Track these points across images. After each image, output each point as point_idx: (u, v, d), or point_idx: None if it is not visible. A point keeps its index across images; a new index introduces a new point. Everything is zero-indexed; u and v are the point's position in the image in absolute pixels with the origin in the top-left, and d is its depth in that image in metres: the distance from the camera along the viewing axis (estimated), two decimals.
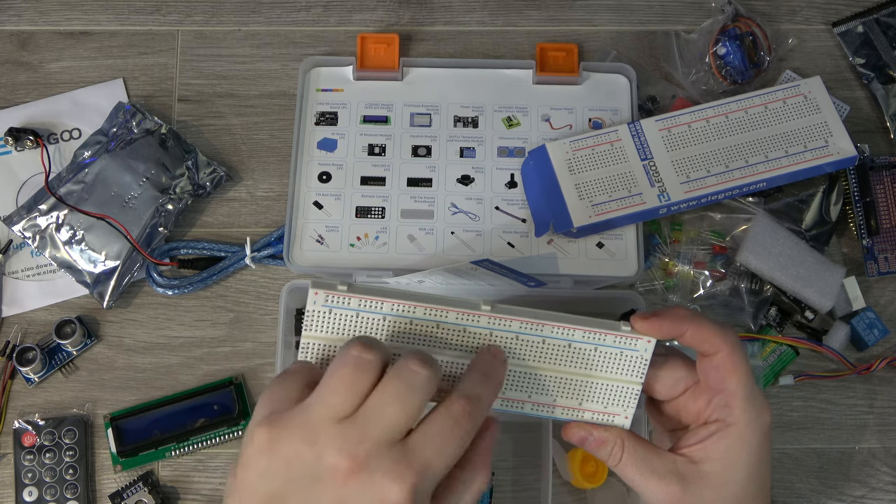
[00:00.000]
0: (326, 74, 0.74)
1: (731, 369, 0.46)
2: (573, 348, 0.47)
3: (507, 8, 0.79)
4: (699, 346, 0.46)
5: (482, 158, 0.72)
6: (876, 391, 0.69)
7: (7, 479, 0.66)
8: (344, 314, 0.45)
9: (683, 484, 0.46)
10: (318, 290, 0.45)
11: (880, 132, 0.75)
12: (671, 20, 0.79)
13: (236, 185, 0.73)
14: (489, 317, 0.46)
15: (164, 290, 0.70)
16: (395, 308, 0.45)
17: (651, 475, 0.46)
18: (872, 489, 0.67)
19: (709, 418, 0.47)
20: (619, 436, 0.47)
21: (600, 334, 0.47)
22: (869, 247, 0.71)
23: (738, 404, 0.45)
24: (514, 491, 0.65)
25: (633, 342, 0.46)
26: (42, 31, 0.77)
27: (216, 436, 0.67)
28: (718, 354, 0.46)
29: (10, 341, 0.68)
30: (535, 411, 0.48)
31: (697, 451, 0.46)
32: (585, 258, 0.69)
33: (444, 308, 0.45)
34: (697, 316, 0.46)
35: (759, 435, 0.46)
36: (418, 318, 0.45)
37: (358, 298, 0.45)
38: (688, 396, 0.48)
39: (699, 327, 0.46)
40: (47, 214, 0.69)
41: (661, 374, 0.48)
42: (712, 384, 0.46)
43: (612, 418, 0.48)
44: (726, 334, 0.46)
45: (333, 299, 0.45)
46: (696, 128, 0.70)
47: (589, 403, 0.48)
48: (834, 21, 0.78)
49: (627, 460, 0.47)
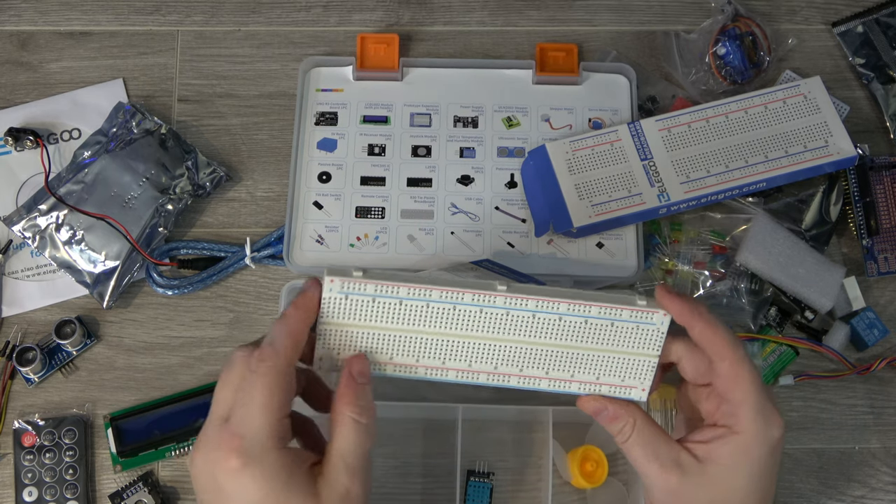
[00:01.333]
0: (326, 74, 0.74)
1: (733, 378, 0.46)
2: (590, 324, 0.47)
3: (507, 8, 0.79)
4: (704, 345, 0.47)
5: (482, 158, 0.72)
6: (876, 391, 0.69)
7: (7, 479, 0.66)
8: (361, 300, 0.45)
9: (682, 476, 0.46)
10: (334, 277, 0.45)
11: (880, 132, 0.75)
12: (671, 20, 0.79)
13: (236, 185, 0.73)
14: (505, 297, 0.46)
15: (164, 290, 0.70)
16: (411, 292, 0.46)
17: (654, 459, 0.47)
18: (872, 489, 0.67)
19: (718, 421, 0.47)
20: (633, 415, 0.48)
21: (616, 309, 0.47)
22: (869, 247, 0.71)
23: (745, 414, 0.46)
24: (513, 491, 0.65)
25: (649, 316, 0.47)
26: (42, 31, 0.77)
27: None
28: (723, 363, 0.46)
29: (10, 341, 0.68)
30: (553, 387, 0.49)
31: (702, 449, 0.47)
32: (585, 258, 0.69)
33: (461, 290, 0.46)
34: (714, 319, 0.47)
35: (765, 448, 0.46)
36: (434, 302, 0.46)
37: (374, 284, 0.45)
38: (704, 393, 0.48)
39: (708, 326, 0.47)
40: (47, 214, 0.69)
41: (695, 355, 0.48)
42: (720, 391, 0.47)
43: (629, 391, 0.49)
44: (733, 344, 0.47)
45: (349, 286, 0.45)
46: (696, 128, 0.70)
47: (606, 377, 0.49)
48: (834, 21, 0.78)
49: (635, 440, 0.48)
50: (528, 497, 0.65)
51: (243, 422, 0.44)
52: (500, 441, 0.66)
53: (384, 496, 0.65)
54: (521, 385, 0.49)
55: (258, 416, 0.44)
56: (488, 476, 0.64)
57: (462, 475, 0.62)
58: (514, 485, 0.65)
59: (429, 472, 0.65)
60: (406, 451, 0.65)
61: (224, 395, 0.45)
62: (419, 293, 0.46)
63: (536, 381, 0.49)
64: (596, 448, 0.63)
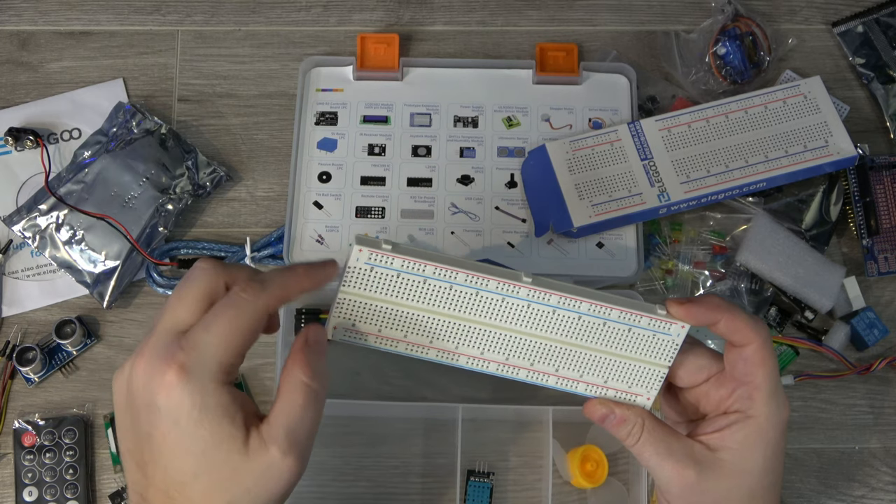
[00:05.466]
0: (326, 74, 0.74)
1: (759, 363, 0.46)
2: (608, 327, 0.47)
3: (507, 8, 0.79)
4: (731, 336, 0.47)
5: (482, 158, 0.72)
6: (876, 391, 0.69)
7: (7, 479, 0.66)
8: (385, 273, 0.45)
9: (699, 469, 0.46)
10: (363, 247, 0.45)
11: (880, 132, 0.75)
12: (671, 20, 0.79)
13: (236, 185, 0.73)
14: (529, 289, 0.46)
15: (164, 290, 0.70)
16: (437, 272, 0.45)
17: (668, 457, 0.46)
18: (872, 489, 0.67)
19: (729, 408, 0.47)
20: (641, 415, 0.48)
21: (637, 316, 0.47)
22: (869, 247, 0.71)
23: (760, 398, 0.46)
24: (514, 491, 0.65)
25: (667, 326, 0.47)
26: (42, 31, 0.77)
27: None
28: (749, 346, 0.46)
29: (10, 341, 0.68)
30: (560, 385, 0.49)
31: (715, 439, 0.47)
32: (585, 258, 0.69)
33: (486, 276, 0.46)
34: (732, 306, 0.47)
35: (777, 430, 0.46)
36: (458, 284, 0.46)
37: (402, 259, 0.45)
38: (710, 385, 0.48)
39: (733, 317, 0.46)
40: (47, 214, 0.69)
41: (687, 361, 0.48)
42: (738, 375, 0.47)
43: (634, 398, 0.49)
44: (759, 327, 0.46)
45: (377, 258, 0.45)
46: (696, 128, 0.70)
47: (614, 382, 0.48)
48: (834, 21, 0.78)
49: (646, 440, 0.47)
50: (528, 497, 0.65)
51: (199, 343, 0.41)
52: (500, 441, 0.66)
53: (384, 496, 0.65)
54: (529, 379, 0.49)
55: (216, 345, 0.41)
56: (488, 476, 0.64)
57: (462, 475, 0.62)
58: (514, 485, 0.65)
59: (429, 472, 0.65)
60: (406, 451, 0.65)
61: (183, 307, 0.42)
62: (445, 274, 0.45)
63: (545, 377, 0.49)
64: (596, 448, 0.63)
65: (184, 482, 0.41)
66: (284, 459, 0.42)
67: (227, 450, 0.41)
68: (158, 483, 0.42)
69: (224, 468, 0.41)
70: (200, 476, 0.41)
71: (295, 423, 0.42)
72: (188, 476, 0.41)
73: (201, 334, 0.41)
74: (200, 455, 0.41)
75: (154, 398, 0.41)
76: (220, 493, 0.41)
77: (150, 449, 0.42)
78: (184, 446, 0.41)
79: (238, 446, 0.41)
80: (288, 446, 0.42)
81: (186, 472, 0.41)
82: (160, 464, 0.41)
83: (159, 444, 0.41)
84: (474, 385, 0.66)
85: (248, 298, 0.43)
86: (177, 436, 0.41)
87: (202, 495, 0.41)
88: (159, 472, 0.42)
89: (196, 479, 0.41)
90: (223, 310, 0.42)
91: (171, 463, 0.41)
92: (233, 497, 0.41)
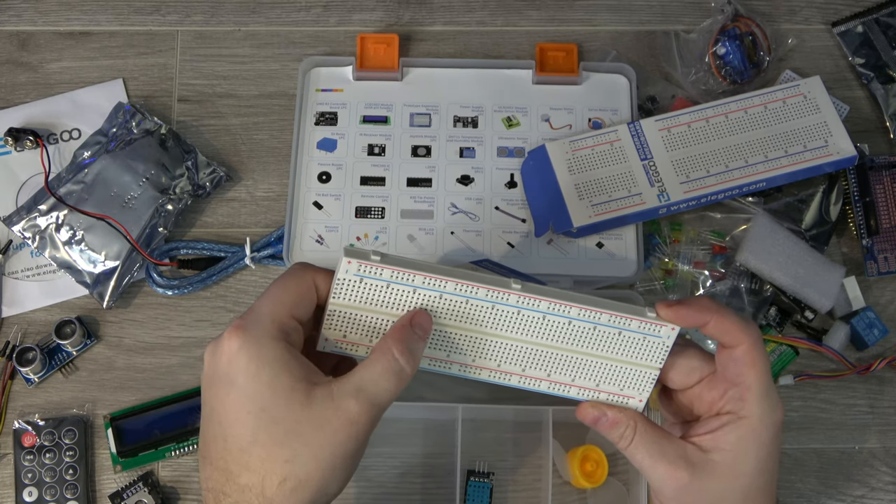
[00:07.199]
0: (326, 74, 0.74)
1: (750, 364, 0.46)
2: (598, 331, 0.47)
3: (507, 8, 0.79)
4: (721, 337, 0.47)
5: (482, 158, 0.72)
6: (876, 391, 0.69)
7: (7, 480, 0.66)
8: (375, 284, 0.45)
9: (692, 470, 0.46)
10: (352, 258, 0.45)
11: (880, 132, 0.75)
12: (671, 20, 0.79)
13: (236, 185, 0.73)
14: (518, 295, 0.46)
15: (164, 290, 0.70)
16: (426, 282, 0.45)
17: (661, 459, 0.46)
18: (872, 489, 0.67)
19: (722, 409, 0.47)
20: (633, 418, 0.48)
21: (626, 319, 0.47)
22: (869, 247, 0.71)
23: (752, 398, 0.46)
24: (513, 491, 0.65)
25: (657, 329, 0.47)
26: (42, 31, 0.77)
27: None
28: (739, 347, 0.46)
29: (10, 341, 0.68)
30: (552, 390, 0.49)
31: (708, 440, 0.47)
32: (585, 258, 0.69)
33: (475, 284, 0.46)
34: (722, 307, 0.47)
35: (770, 431, 0.46)
36: (448, 293, 0.46)
37: (391, 270, 0.45)
38: (703, 386, 0.48)
39: (722, 318, 0.46)
40: (47, 215, 0.69)
41: (678, 363, 0.48)
42: (730, 376, 0.47)
43: (626, 400, 0.49)
44: (749, 328, 0.46)
45: (366, 269, 0.45)
46: (695, 128, 0.70)
47: (606, 385, 0.49)
48: (834, 21, 0.78)
49: (638, 443, 0.47)
50: (528, 497, 0.65)
51: (254, 307, 0.44)
52: (499, 441, 0.66)
53: (384, 496, 0.65)
54: (522, 385, 0.49)
55: (268, 304, 0.44)
56: (488, 476, 0.64)
57: (462, 475, 0.62)
58: (514, 485, 0.65)
59: (429, 472, 0.65)
60: (406, 451, 0.65)
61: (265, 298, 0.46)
62: (434, 283, 0.46)
63: (537, 382, 0.49)
64: (596, 448, 0.63)
65: (242, 449, 0.41)
66: (350, 410, 0.41)
67: (285, 402, 0.41)
68: (218, 461, 0.42)
69: (283, 422, 0.41)
70: (259, 437, 0.41)
71: (369, 384, 0.43)
72: (247, 441, 0.41)
73: (256, 302, 0.44)
74: (259, 412, 0.41)
75: (219, 370, 0.42)
76: (279, 452, 0.41)
77: (211, 427, 0.42)
78: (243, 407, 0.41)
79: (299, 398, 0.41)
80: (356, 401, 0.42)
81: (245, 437, 0.41)
82: (219, 438, 0.42)
83: (220, 416, 0.42)
84: (474, 385, 0.66)
85: (296, 267, 0.46)
86: (235, 397, 0.41)
87: (261, 461, 0.41)
88: (219, 448, 0.42)
89: (254, 443, 0.41)
90: (276, 280, 0.45)
91: (229, 431, 0.41)
92: (292, 453, 0.41)
